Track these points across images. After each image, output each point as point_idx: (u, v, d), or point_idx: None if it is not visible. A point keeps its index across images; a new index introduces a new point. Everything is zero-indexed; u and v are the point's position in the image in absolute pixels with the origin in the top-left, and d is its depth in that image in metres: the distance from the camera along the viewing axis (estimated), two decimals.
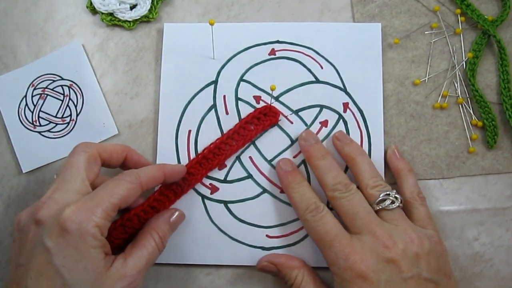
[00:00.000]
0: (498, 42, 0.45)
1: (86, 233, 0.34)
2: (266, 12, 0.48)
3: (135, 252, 0.37)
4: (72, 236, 0.34)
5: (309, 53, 0.46)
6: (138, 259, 0.36)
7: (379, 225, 0.38)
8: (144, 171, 0.39)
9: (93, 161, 0.39)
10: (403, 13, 0.47)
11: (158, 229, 0.39)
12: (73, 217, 0.34)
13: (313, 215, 0.40)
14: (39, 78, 0.48)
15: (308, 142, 0.43)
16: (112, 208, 0.35)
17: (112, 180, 0.37)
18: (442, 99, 0.45)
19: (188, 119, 0.46)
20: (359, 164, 0.42)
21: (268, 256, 0.42)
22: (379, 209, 0.40)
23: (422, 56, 0.46)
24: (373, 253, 0.37)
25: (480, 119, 0.45)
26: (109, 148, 0.40)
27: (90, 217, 0.34)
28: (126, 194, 0.36)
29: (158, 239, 0.38)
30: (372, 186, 0.40)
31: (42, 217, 0.35)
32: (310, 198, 0.41)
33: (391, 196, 0.40)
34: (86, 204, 0.35)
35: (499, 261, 0.43)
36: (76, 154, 0.38)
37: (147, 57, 0.48)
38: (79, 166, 0.38)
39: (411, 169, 0.43)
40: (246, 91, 0.46)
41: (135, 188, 0.37)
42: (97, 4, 0.48)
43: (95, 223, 0.34)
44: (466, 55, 0.46)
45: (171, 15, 0.49)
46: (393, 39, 0.46)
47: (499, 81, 0.45)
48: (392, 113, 0.45)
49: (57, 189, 0.37)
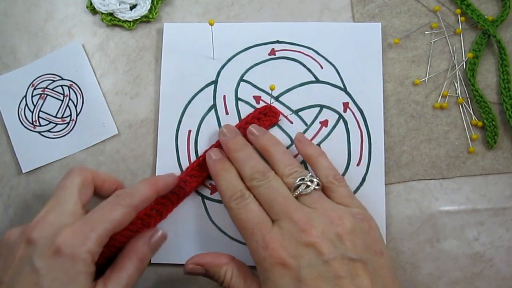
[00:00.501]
0: (498, 42, 0.45)
1: (78, 258, 0.34)
2: (266, 12, 0.48)
3: (114, 276, 0.36)
4: (63, 260, 0.33)
5: (309, 53, 0.46)
6: (117, 283, 0.36)
7: (297, 210, 0.37)
8: (138, 192, 0.38)
9: (87, 185, 0.39)
10: (403, 13, 0.47)
11: (138, 252, 0.38)
12: (68, 241, 0.34)
13: (237, 202, 0.39)
14: (39, 78, 0.48)
15: (226, 136, 0.43)
16: (106, 234, 0.35)
17: (107, 203, 0.37)
18: (442, 99, 0.45)
19: (188, 119, 0.46)
20: (273, 154, 0.41)
21: (194, 258, 0.40)
22: (298, 195, 0.39)
23: (422, 56, 0.46)
24: (292, 239, 0.36)
25: (480, 119, 0.45)
26: (103, 176, 0.40)
27: (84, 242, 0.34)
28: (121, 219, 0.36)
29: (137, 262, 0.38)
30: (287, 174, 0.40)
31: (34, 237, 0.35)
32: (236, 186, 0.40)
33: (306, 180, 0.39)
34: (81, 229, 0.35)
35: (499, 261, 0.43)
36: (71, 176, 0.38)
37: (147, 57, 0.48)
38: (73, 188, 0.38)
39: (322, 153, 0.42)
40: (246, 91, 0.46)
41: (130, 212, 0.37)
42: (97, 4, 0.48)
43: (88, 248, 0.34)
44: (466, 55, 0.46)
45: (171, 15, 0.49)
46: (393, 39, 0.46)
47: (499, 81, 0.45)
48: (392, 113, 0.45)
49: (51, 210, 0.36)
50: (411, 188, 0.44)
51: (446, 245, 0.43)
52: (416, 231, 0.43)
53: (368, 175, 0.44)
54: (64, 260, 0.33)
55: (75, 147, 0.46)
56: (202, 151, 0.45)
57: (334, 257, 0.35)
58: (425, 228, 0.43)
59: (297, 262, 0.35)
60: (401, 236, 0.43)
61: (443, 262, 0.43)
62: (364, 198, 0.43)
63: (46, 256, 0.34)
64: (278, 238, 0.36)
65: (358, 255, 0.35)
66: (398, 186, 0.44)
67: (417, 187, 0.44)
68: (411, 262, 0.43)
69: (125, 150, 0.46)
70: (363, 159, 0.44)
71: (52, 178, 0.46)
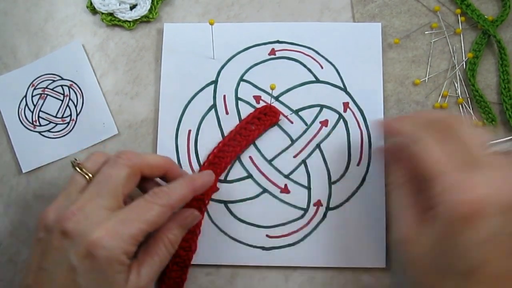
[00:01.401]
0: (498, 42, 0.45)
1: (114, 260, 0.34)
2: (266, 12, 0.48)
3: (147, 261, 0.37)
4: (99, 262, 0.33)
5: (309, 53, 0.46)
6: (150, 267, 0.36)
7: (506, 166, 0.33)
8: (175, 191, 0.37)
9: (133, 178, 0.37)
10: (403, 13, 0.47)
11: (170, 234, 0.38)
12: (104, 244, 0.33)
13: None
14: (39, 78, 0.48)
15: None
16: (141, 234, 0.35)
17: (143, 201, 0.36)
18: (442, 99, 0.45)
19: (188, 119, 0.46)
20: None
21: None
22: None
23: (422, 56, 0.46)
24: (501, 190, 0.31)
25: (481, 119, 0.45)
26: (152, 163, 0.38)
27: (119, 244, 0.34)
28: (157, 220, 0.36)
29: (169, 245, 0.38)
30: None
31: (69, 229, 0.34)
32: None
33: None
34: (116, 230, 0.34)
35: None
36: (117, 166, 0.36)
37: (147, 57, 0.48)
38: (117, 181, 0.36)
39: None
40: (246, 91, 0.46)
41: (166, 212, 0.36)
42: (97, 4, 0.48)
43: (124, 250, 0.34)
44: (466, 55, 0.46)
45: (171, 15, 0.49)
46: (393, 39, 0.46)
47: (499, 81, 0.45)
48: (392, 113, 0.45)
49: (89, 200, 0.35)
50: None
51: None
52: None
53: (368, 175, 0.44)
54: (100, 262, 0.33)
55: (75, 147, 0.46)
56: (202, 151, 0.45)
57: None
58: None
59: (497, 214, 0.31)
60: None
61: None
62: (364, 198, 0.43)
63: (82, 255, 0.33)
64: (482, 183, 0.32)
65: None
66: None
67: None
68: None
69: None
70: (363, 159, 0.44)
71: (52, 178, 0.46)
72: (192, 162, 0.45)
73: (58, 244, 0.34)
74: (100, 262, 0.33)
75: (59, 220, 0.35)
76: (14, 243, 0.45)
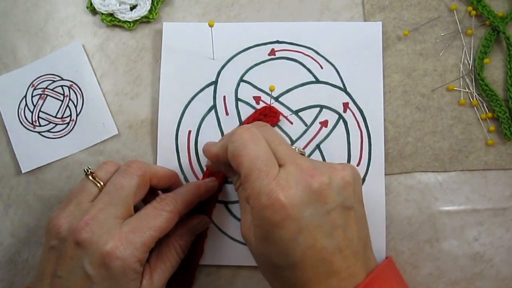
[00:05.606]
0: (507, 39, 0.45)
1: (129, 268, 0.35)
2: (266, 12, 0.48)
3: (159, 266, 0.38)
4: (114, 271, 0.34)
5: (309, 53, 0.46)
6: (162, 273, 0.38)
7: (302, 158, 0.36)
8: (181, 197, 0.39)
9: (143, 187, 0.38)
10: (413, 6, 0.47)
11: (181, 241, 0.39)
12: (118, 254, 0.34)
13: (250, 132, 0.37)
14: (39, 78, 0.48)
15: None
16: (153, 241, 0.36)
17: (152, 208, 0.37)
18: (448, 93, 0.45)
19: (188, 120, 0.46)
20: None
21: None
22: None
23: (430, 50, 0.46)
24: (298, 185, 0.33)
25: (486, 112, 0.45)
26: (160, 174, 0.40)
27: (133, 253, 0.35)
28: (166, 226, 0.37)
29: (180, 251, 0.39)
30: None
31: (83, 240, 0.35)
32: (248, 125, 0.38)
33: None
34: (129, 239, 0.35)
35: (500, 262, 0.43)
36: (128, 176, 0.38)
37: (147, 57, 0.48)
38: (129, 191, 0.37)
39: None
40: (246, 91, 0.46)
41: (174, 218, 0.38)
42: (97, 4, 0.48)
43: (137, 258, 0.35)
44: (474, 50, 0.46)
45: (171, 15, 0.49)
46: (402, 31, 0.46)
47: (506, 77, 0.45)
48: (398, 104, 0.45)
49: (102, 210, 0.36)
50: (411, 188, 0.44)
51: (446, 245, 0.43)
52: (415, 231, 0.44)
53: (368, 175, 0.44)
54: (115, 272, 0.34)
55: (75, 147, 0.46)
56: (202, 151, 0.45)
57: (335, 206, 0.34)
58: (424, 228, 0.44)
59: (301, 212, 0.33)
60: (401, 236, 0.44)
61: (443, 262, 0.43)
62: (364, 198, 0.43)
63: (97, 264, 0.35)
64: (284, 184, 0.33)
65: (352, 203, 0.35)
66: (398, 187, 0.44)
67: (417, 187, 0.44)
68: (410, 262, 0.43)
69: (125, 151, 0.46)
70: (363, 159, 0.44)
71: (52, 178, 0.46)
72: (192, 162, 0.45)
73: (72, 253, 0.35)
74: (115, 271, 0.34)
75: (73, 230, 0.36)
76: (14, 243, 0.46)
